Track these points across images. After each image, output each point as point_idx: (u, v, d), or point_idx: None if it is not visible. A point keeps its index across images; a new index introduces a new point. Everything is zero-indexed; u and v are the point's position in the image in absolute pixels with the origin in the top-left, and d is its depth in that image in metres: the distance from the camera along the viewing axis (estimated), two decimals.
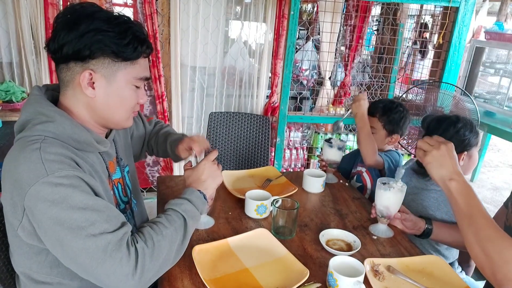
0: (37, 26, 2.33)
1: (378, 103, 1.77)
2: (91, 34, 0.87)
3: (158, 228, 0.88)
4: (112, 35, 0.88)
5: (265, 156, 2.38)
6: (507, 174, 4.52)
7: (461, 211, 0.92)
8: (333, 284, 0.94)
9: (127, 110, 0.99)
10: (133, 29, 0.92)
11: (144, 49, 0.94)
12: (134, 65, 0.94)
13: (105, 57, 0.89)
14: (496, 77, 3.34)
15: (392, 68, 3.01)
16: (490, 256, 0.82)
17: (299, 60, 3.26)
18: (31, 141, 0.84)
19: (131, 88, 0.96)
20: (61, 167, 0.82)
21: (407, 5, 2.94)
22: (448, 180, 0.96)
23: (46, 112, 0.89)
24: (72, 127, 0.90)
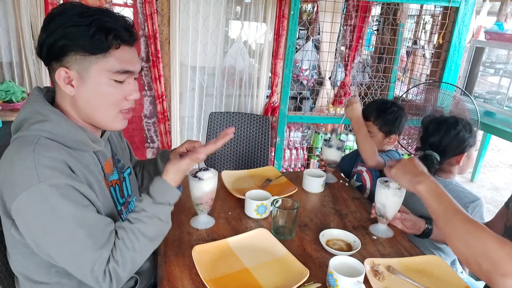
0: (37, 26, 2.33)
1: (371, 107, 1.75)
2: (59, 30, 0.85)
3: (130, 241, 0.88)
4: (78, 29, 0.85)
5: (265, 156, 2.38)
6: (507, 174, 4.53)
7: (434, 211, 0.93)
8: (333, 284, 0.94)
9: (109, 107, 0.93)
10: (100, 19, 0.86)
11: (112, 39, 0.86)
12: (108, 58, 0.88)
13: (76, 53, 0.86)
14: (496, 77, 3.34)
15: (392, 68, 3.01)
16: (471, 248, 0.84)
17: (299, 60, 3.26)
18: (27, 142, 0.84)
19: (109, 84, 0.90)
20: (53, 174, 0.82)
21: (407, 5, 2.94)
22: (416, 183, 0.98)
23: (43, 111, 0.90)
24: (68, 126, 0.90)
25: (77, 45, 0.86)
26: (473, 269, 0.85)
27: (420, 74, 3.25)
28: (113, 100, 0.93)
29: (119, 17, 0.90)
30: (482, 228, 0.84)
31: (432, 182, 0.96)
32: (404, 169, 1.04)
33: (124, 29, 0.89)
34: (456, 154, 1.45)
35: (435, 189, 0.95)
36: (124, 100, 0.95)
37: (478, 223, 0.86)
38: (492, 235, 0.82)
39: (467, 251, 0.84)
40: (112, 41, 0.87)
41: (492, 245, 0.81)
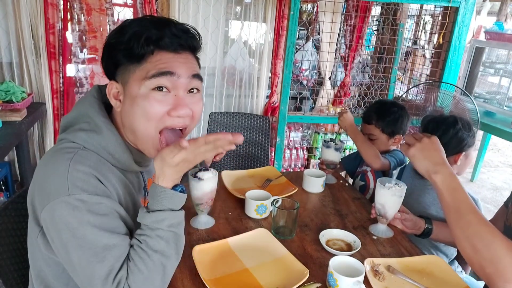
0: (37, 26, 2.33)
1: (371, 109, 1.75)
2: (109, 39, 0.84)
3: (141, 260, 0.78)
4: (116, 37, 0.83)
5: (265, 156, 2.38)
6: (507, 174, 4.52)
7: (447, 205, 0.91)
8: (333, 284, 0.94)
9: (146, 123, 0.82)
10: (132, 26, 0.82)
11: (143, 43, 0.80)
12: (144, 65, 0.81)
13: (119, 65, 0.84)
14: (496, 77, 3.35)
15: (392, 68, 3.01)
16: (478, 251, 0.82)
17: (299, 60, 3.26)
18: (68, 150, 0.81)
19: (147, 94, 0.81)
20: (84, 188, 0.77)
21: (407, 5, 2.93)
22: (433, 173, 0.94)
23: (95, 119, 0.85)
24: (116, 145, 0.85)
25: (117, 56, 0.83)
26: (475, 269, 0.85)
27: (420, 74, 3.25)
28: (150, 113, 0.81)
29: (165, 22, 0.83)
30: (493, 231, 0.83)
31: (450, 174, 0.92)
32: (424, 152, 0.97)
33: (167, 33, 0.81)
34: (454, 154, 1.45)
35: (452, 182, 0.91)
36: (167, 116, 0.82)
37: (491, 226, 0.84)
38: (503, 240, 0.81)
39: (474, 253, 0.83)
40: (144, 47, 0.80)
41: (501, 251, 0.79)
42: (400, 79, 3.43)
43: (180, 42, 0.83)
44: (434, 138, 1.00)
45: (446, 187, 0.92)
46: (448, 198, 0.91)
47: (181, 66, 0.83)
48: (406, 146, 1.02)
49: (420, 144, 0.98)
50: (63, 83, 2.53)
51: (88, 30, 2.47)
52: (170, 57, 0.82)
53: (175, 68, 0.82)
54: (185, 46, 0.85)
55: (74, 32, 2.46)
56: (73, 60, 2.51)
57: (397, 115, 1.71)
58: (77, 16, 2.43)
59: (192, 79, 0.85)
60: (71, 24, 2.45)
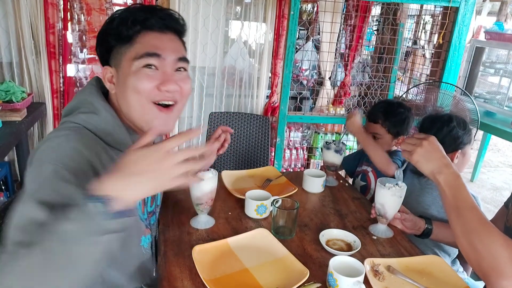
0: (37, 26, 2.33)
1: (378, 109, 1.73)
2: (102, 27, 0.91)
3: None
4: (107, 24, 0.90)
5: (265, 156, 2.38)
6: (507, 174, 4.53)
7: (449, 202, 0.92)
8: (333, 284, 0.94)
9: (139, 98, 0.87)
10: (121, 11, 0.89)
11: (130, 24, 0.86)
12: (133, 46, 0.87)
13: (113, 48, 0.90)
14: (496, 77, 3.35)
15: (392, 68, 3.01)
16: (476, 248, 0.84)
17: (299, 60, 3.26)
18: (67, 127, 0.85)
19: (137, 71, 0.86)
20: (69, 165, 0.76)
21: (407, 5, 2.93)
22: (437, 173, 0.96)
23: (95, 103, 0.90)
24: (114, 124, 0.90)
25: (108, 41, 0.89)
26: (472, 265, 0.86)
27: (420, 74, 3.25)
28: (140, 88, 0.86)
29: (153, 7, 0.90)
30: (491, 229, 0.84)
31: (453, 174, 0.94)
32: (427, 156, 0.99)
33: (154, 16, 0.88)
34: (450, 151, 1.45)
35: (454, 181, 0.93)
36: (156, 90, 0.87)
37: (489, 224, 0.85)
38: (501, 237, 0.82)
39: (471, 249, 0.85)
40: (131, 27, 0.87)
41: (498, 247, 0.81)
42: (400, 79, 3.44)
43: (165, 23, 0.90)
44: (432, 138, 1.01)
45: (448, 185, 0.93)
46: (449, 195, 0.93)
47: (167, 47, 0.88)
48: (407, 153, 1.03)
49: (421, 148, 0.99)
50: (63, 83, 2.53)
51: (88, 30, 2.47)
52: (157, 37, 0.88)
53: (162, 50, 0.87)
54: (170, 27, 0.91)
55: (74, 32, 2.46)
56: (73, 60, 2.52)
57: (404, 116, 1.70)
58: (77, 16, 2.43)
59: (179, 62, 0.91)
60: (71, 24, 2.45)
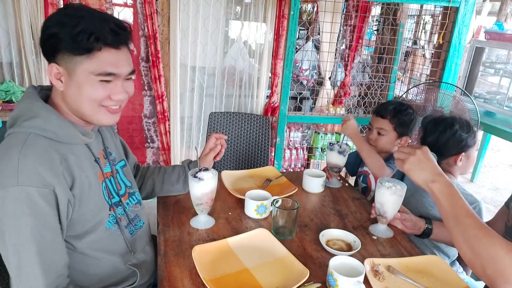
0: (37, 26, 2.33)
1: (388, 105, 1.74)
2: (50, 29, 0.90)
3: None
4: (63, 29, 0.89)
5: (265, 156, 2.38)
6: (507, 174, 4.52)
7: (445, 212, 0.92)
8: (333, 284, 0.94)
9: (91, 104, 0.95)
10: (85, 19, 0.88)
11: (92, 40, 0.88)
12: (92, 60, 0.90)
13: (64, 51, 0.90)
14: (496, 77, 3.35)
15: (392, 68, 3.01)
16: (478, 253, 0.83)
17: (299, 60, 3.26)
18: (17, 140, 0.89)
19: (93, 84, 0.92)
20: (32, 181, 0.85)
21: (407, 5, 2.93)
22: (431, 182, 0.96)
23: (34, 108, 0.94)
24: (58, 121, 0.94)
25: (62, 45, 0.90)
26: (477, 272, 0.85)
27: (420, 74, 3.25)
28: (94, 97, 0.94)
29: (104, 18, 0.91)
30: (492, 234, 0.84)
31: (446, 182, 0.95)
32: (419, 165, 0.99)
33: (111, 31, 0.90)
34: (453, 154, 1.45)
35: (448, 190, 0.93)
36: (107, 99, 0.96)
37: (488, 229, 0.85)
38: (502, 242, 0.82)
39: (474, 256, 0.84)
40: (93, 43, 0.89)
41: (500, 252, 0.80)
42: (400, 79, 3.43)
43: (120, 39, 0.94)
44: (425, 148, 1.02)
45: (443, 195, 0.93)
46: (445, 205, 0.92)
47: (123, 66, 0.95)
48: (400, 162, 1.03)
49: (414, 157, 1.00)
50: None
51: None
52: (114, 55, 0.93)
53: (119, 68, 0.94)
54: (124, 43, 0.96)
55: None
56: None
57: (412, 117, 1.71)
58: None
59: (129, 74, 0.99)
60: None
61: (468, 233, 0.86)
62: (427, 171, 0.98)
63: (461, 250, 0.88)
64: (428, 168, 0.98)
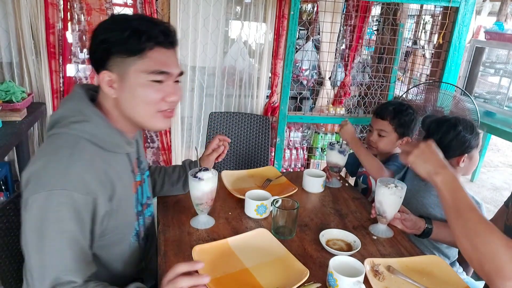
0: (37, 26, 2.33)
1: (388, 106, 1.74)
2: (99, 36, 0.92)
3: None
4: (114, 34, 0.90)
5: (265, 156, 2.38)
6: (507, 174, 4.52)
7: (448, 204, 0.92)
8: (333, 284, 0.94)
9: (146, 107, 0.96)
10: (134, 22, 0.91)
11: (144, 40, 0.90)
12: (143, 60, 0.92)
13: (115, 56, 0.92)
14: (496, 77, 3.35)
15: (392, 68, 3.01)
16: (477, 248, 0.83)
17: (299, 60, 3.26)
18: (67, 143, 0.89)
19: (146, 84, 0.93)
20: (78, 187, 0.84)
21: (407, 5, 2.93)
22: (434, 174, 0.96)
23: (85, 111, 0.93)
24: (106, 128, 0.95)
25: (114, 49, 0.91)
26: (474, 267, 0.85)
27: (420, 74, 3.25)
28: (149, 99, 0.95)
29: (154, 21, 0.95)
30: (492, 229, 0.84)
31: (450, 175, 0.94)
32: (423, 156, 0.99)
33: (161, 32, 0.93)
34: (456, 155, 1.44)
35: (452, 182, 0.93)
36: (162, 101, 0.97)
37: (489, 224, 0.85)
38: (501, 237, 0.82)
39: (473, 251, 0.84)
40: (146, 43, 0.91)
41: (499, 248, 0.80)
42: (400, 79, 3.43)
43: (170, 39, 0.96)
44: (430, 141, 1.02)
45: (446, 187, 0.93)
46: (448, 197, 0.92)
47: (173, 64, 0.97)
48: (404, 155, 1.04)
49: (418, 149, 1.00)
50: (63, 83, 2.53)
51: (88, 30, 2.47)
52: (165, 54, 0.95)
53: (170, 67, 0.96)
54: (173, 43, 0.98)
55: (74, 32, 2.46)
56: (73, 60, 2.51)
57: (412, 117, 1.71)
58: (77, 16, 2.43)
59: (178, 76, 1.01)
60: (71, 24, 2.45)
61: (468, 227, 0.86)
62: (431, 163, 0.98)
63: (460, 244, 0.88)
64: (432, 161, 0.98)
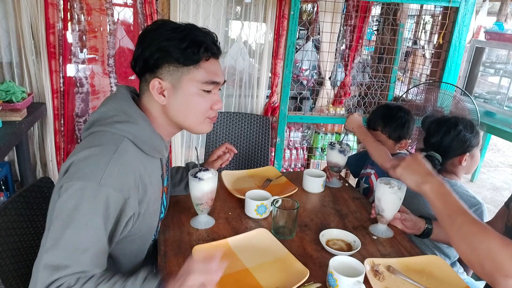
0: (37, 26, 2.33)
1: (376, 115, 1.70)
2: (155, 43, 0.92)
3: None
4: (172, 43, 0.92)
5: (265, 156, 2.38)
6: (507, 174, 4.52)
7: (439, 211, 0.92)
8: (333, 284, 0.94)
9: (198, 115, 1.00)
10: (192, 33, 0.93)
11: (203, 52, 0.94)
12: (198, 69, 0.95)
13: (169, 64, 0.93)
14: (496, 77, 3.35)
15: (392, 68, 3.01)
16: (475, 249, 0.83)
17: (299, 60, 3.26)
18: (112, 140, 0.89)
19: (198, 93, 0.97)
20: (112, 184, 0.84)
21: (407, 5, 2.93)
22: (422, 183, 0.97)
23: (131, 113, 0.95)
24: (150, 132, 0.96)
25: (171, 57, 0.93)
26: (476, 270, 0.85)
27: (420, 74, 3.25)
28: (201, 108, 0.99)
29: (207, 32, 0.98)
30: (486, 229, 0.84)
31: (438, 182, 0.95)
32: (410, 168, 1.02)
33: (212, 43, 0.97)
34: (458, 155, 1.45)
35: (440, 189, 0.94)
36: (210, 110, 1.01)
37: (483, 224, 0.85)
38: (497, 236, 0.82)
39: (471, 253, 0.84)
40: (203, 54, 0.94)
41: (496, 246, 0.80)
42: (400, 79, 3.43)
43: (220, 50, 1.01)
44: (416, 154, 1.06)
45: (436, 194, 0.94)
46: (439, 204, 0.93)
47: (221, 76, 1.02)
48: (392, 170, 1.06)
49: (404, 162, 1.04)
50: (63, 83, 2.53)
51: (88, 30, 2.47)
52: (215, 64, 1.00)
53: (220, 78, 1.01)
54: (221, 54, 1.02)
55: (74, 32, 2.46)
56: (73, 60, 2.51)
57: (404, 120, 1.66)
58: (77, 16, 2.43)
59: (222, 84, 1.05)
60: (71, 24, 2.45)
61: (463, 230, 0.86)
62: (418, 173, 1.00)
63: (458, 248, 0.88)
64: (419, 171, 1.00)
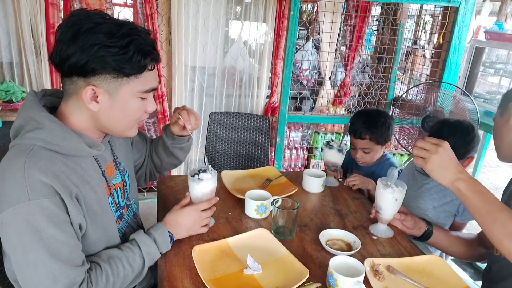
0: (37, 26, 2.33)
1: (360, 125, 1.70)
2: (92, 49, 0.83)
3: (116, 267, 0.94)
4: (113, 51, 0.84)
5: (265, 156, 2.38)
6: (507, 174, 4.52)
7: (477, 209, 0.89)
8: (333, 284, 0.94)
9: (131, 121, 0.98)
10: (137, 41, 0.86)
11: (148, 61, 0.90)
12: (139, 79, 0.91)
13: (107, 73, 0.87)
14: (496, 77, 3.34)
15: (392, 68, 3.01)
16: None
17: (299, 60, 3.26)
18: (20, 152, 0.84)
19: (136, 101, 0.94)
20: (43, 191, 0.82)
21: (407, 5, 2.93)
22: (456, 181, 0.92)
23: (37, 118, 0.88)
24: (62, 132, 0.89)
25: (111, 67, 0.85)
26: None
27: (420, 74, 3.25)
28: (137, 115, 0.97)
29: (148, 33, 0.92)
30: None
31: (471, 179, 0.92)
32: (443, 164, 0.94)
33: (154, 49, 0.92)
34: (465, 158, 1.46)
35: (476, 186, 0.90)
36: (144, 113, 0.99)
37: None
38: None
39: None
40: (149, 64, 0.91)
41: None
42: (400, 79, 3.43)
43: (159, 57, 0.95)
44: (447, 145, 0.97)
45: (471, 192, 0.90)
46: (476, 202, 0.89)
47: (157, 80, 0.99)
48: (421, 160, 0.98)
49: (437, 156, 0.95)
50: None
51: None
52: (155, 72, 0.96)
53: (156, 83, 0.98)
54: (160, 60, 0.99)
55: None
56: None
57: (387, 123, 1.72)
58: None
59: None
60: None
61: (508, 227, 0.82)
62: (451, 170, 0.94)
63: (504, 247, 0.83)
64: (452, 167, 0.94)
